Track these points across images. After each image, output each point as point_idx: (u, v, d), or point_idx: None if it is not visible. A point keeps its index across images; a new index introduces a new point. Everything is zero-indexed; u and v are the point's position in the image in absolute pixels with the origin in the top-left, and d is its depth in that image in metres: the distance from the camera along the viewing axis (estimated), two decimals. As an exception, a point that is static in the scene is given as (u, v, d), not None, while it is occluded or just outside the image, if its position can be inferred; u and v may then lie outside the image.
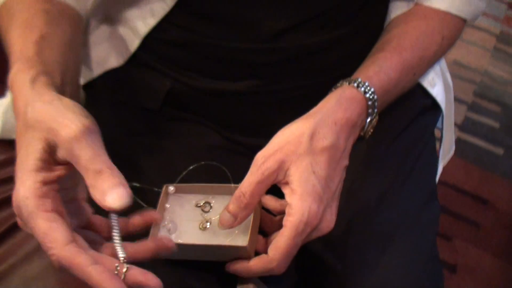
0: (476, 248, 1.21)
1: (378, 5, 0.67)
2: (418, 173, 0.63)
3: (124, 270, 0.41)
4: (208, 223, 0.52)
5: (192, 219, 0.53)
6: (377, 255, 0.55)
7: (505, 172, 1.36)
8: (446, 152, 0.81)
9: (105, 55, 0.66)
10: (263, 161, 0.49)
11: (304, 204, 0.48)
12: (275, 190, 0.51)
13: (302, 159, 0.49)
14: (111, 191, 0.40)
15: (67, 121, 0.41)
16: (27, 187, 0.41)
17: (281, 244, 0.48)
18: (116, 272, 0.41)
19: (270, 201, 0.53)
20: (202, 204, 0.54)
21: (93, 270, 0.39)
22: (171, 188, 0.53)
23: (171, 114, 0.65)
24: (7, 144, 0.70)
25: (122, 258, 0.42)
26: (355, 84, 0.55)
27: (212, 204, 0.54)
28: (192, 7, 0.58)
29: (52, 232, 0.41)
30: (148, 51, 0.62)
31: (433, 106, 0.71)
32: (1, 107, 0.70)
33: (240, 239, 0.51)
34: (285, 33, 0.60)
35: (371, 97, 0.55)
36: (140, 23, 0.61)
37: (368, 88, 0.55)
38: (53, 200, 0.41)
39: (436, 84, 0.71)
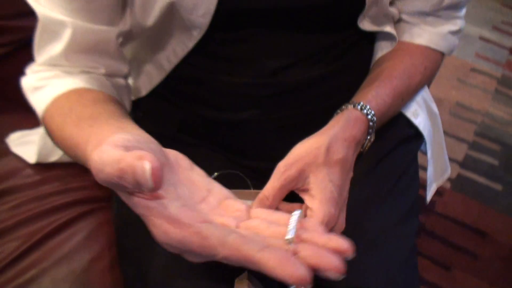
0: (474, 278, 1.26)
1: (364, 45, 0.76)
2: (399, 192, 0.71)
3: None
4: None
5: None
6: (361, 257, 0.63)
7: (504, 207, 1.42)
8: (439, 173, 0.89)
9: (133, 87, 0.76)
10: (285, 169, 0.56)
11: (325, 208, 0.55)
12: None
13: (320, 169, 0.57)
14: None
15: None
16: None
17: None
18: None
19: (283, 205, 0.60)
20: None
21: (264, 256, 0.39)
22: None
23: (186, 141, 0.74)
24: (44, 167, 0.80)
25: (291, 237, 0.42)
26: (359, 107, 0.64)
27: None
28: (205, 50, 0.68)
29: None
30: (164, 85, 0.72)
31: (417, 134, 0.79)
32: (38, 135, 0.80)
33: None
34: (284, 69, 0.69)
35: (371, 118, 0.64)
36: (165, 62, 0.71)
37: (370, 110, 0.64)
38: None
39: (419, 115, 0.80)
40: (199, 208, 0.46)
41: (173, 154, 0.48)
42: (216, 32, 0.65)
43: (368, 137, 0.65)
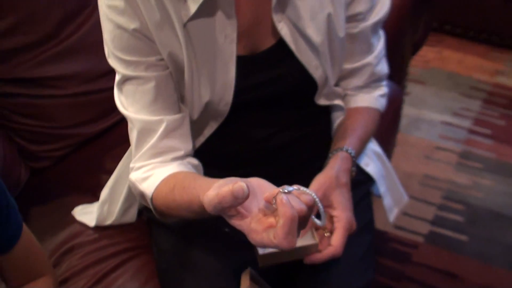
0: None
1: (323, 115, 1.06)
2: (357, 214, 0.97)
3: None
4: None
5: None
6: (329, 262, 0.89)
7: (470, 254, 1.66)
8: (398, 200, 1.17)
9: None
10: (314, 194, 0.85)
11: (347, 214, 0.86)
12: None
13: (335, 190, 0.89)
14: None
15: None
16: None
17: (339, 238, 0.84)
18: None
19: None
20: None
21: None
22: None
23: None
24: (100, 229, 1.08)
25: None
26: (345, 150, 0.95)
27: None
28: (220, 129, 0.98)
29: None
30: None
31: (369, 177, 1.09)
32: (95, 207, 1.09)
33: (308, 241, 0.82)
34: (267, 138, 1.00)
35: (353, 156, 0.96)
36: (197, 142, 0.99)
37: (352, 151, 0.96)
38: None
39: (369, 165, 1.10)
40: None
41: (256, 180, 0.69)
42: (230, 116, 0.97)
43: (353, 168, 0.96)
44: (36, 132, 1.23)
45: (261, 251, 0.78)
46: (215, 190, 0.64)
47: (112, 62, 0.90)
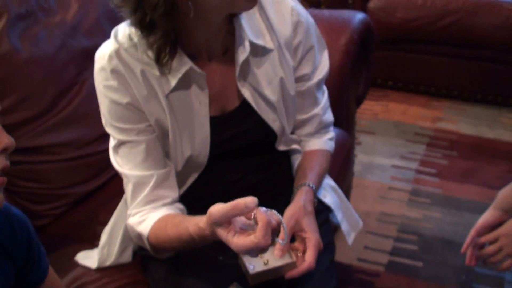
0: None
1: (284, 158, 1.26)
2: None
3: None
4: (267, 260, 0.95)
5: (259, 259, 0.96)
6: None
7: (426, 277, 1.84)
8: (354, 226, 1.35)
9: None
10: (288, 221, 1.04)
11: (315, 235, 1.04)
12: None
13: (305, 217, 1.06)
14: None
15: None
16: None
17: (312, 254, 1.01)
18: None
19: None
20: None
21: None
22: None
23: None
24: (102, 269, 1.24)
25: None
26: (307, 184, 1.14)
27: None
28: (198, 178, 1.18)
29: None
30: None
31: (327, 207, 1.28)
32: (96, 251, 1.25)
33: (287, 260, 0.96)
34: (241, 178, 1.19)
35: (314, 189, 1.15)
36: (181, 190, 1.17)
37: (313, 185, 1.15)
38: None
39: (326, 197, 1.29)
40: None
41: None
42: (208, 165, 1.15)
43: (315, 200, 1.15)
44: (37, 193, 1.39)
45: (251, 271, 0.94)
46: (221, 205, 0.87)
47: (109, 129, 1.09)
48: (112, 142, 1.11)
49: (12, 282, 0.92)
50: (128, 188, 1.10)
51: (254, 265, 0.94)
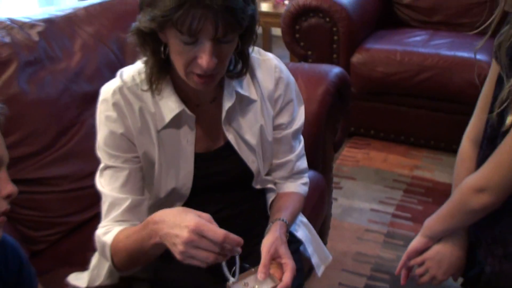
0: None
1: (260, 195, 1.40)
2: None
3: None
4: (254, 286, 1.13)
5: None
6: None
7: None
8: (323, 259, 1.48)
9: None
10: (267, 250, 1.17)
11: (291, 261, 1.17)
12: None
13: (282, 246, 1.20)
14: None
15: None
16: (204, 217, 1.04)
17: (289, 276, 1.14)
18: None
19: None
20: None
21: None
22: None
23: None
24: (92, 289, 1.36)
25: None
26: (282, 219, 1.27)
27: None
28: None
29: (229, 234, 1.00)
30: None
31: (298, 240, 1.42)
32: (86, 273, 1.38)
33: (272, 283, 1.14)
34: (221, 210, 1.31)
35: (287, 224, 1.28)
36: None
37: (285, 221, 1.28)
38: None
39: (298, 231, 1.43)
40: None
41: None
42: (190, 197, 1.30)
43: (287, 234, 1.28)
44: (35, 221, 1.52)
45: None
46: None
47: (100, 153, 1.23)
48: (100, 165, 1.25)
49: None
50: (104, 206, 1.23)
51: None
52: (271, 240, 1.21)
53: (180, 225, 1.01)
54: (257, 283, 1.14)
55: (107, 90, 1.22)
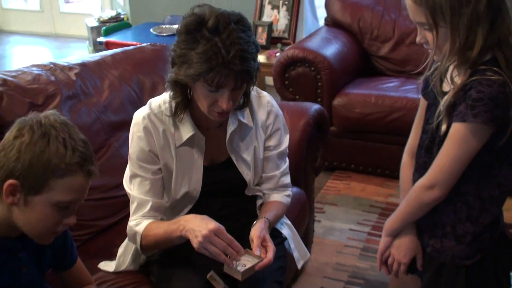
0: None
1: (251, 200, 1.72)
2: (277, 259, 1.57)
3: None
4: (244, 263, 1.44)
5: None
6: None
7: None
8: (302, 255, 1.77)
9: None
10: (258, 236, 1.49)
11: (273, 245, 1.49)
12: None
13: (266, 234, 1.51)
14: None
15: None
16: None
17: (271, 254, 1.45)
18: None
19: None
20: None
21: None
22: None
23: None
24: (117, 273, 1.66)
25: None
26: (266, 218, 1.58)
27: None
28: (191, 208, 1.64)
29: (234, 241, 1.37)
30: None
31: (283, 236, 1.73)
32: (114, 262, 1.68)
33: (257, 259, 1.45)
34: (221, 208, 1.63)
35: (271, 222, 1.59)
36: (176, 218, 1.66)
37: (270, 220, 1.59)
38: None
39: (283, 229, 1.75)
40: None
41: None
42: (199, 199, 1.62)
43: (269, 228, 1.58)
44: (71, 223, 1.83)
45: (240, 268, 1.42)
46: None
47: (131, 163, 1.57)
48: (128, 173, 1.58)
49: (52, 263, 1.36)
50: (133, 205, 1.56)
51: (240, 267, 1.41)
52: (258, 229, 1.53)
53: (203, 225, 1.38)
54: (248, 260, 1.45)
55: (139, 116, 1.57)
